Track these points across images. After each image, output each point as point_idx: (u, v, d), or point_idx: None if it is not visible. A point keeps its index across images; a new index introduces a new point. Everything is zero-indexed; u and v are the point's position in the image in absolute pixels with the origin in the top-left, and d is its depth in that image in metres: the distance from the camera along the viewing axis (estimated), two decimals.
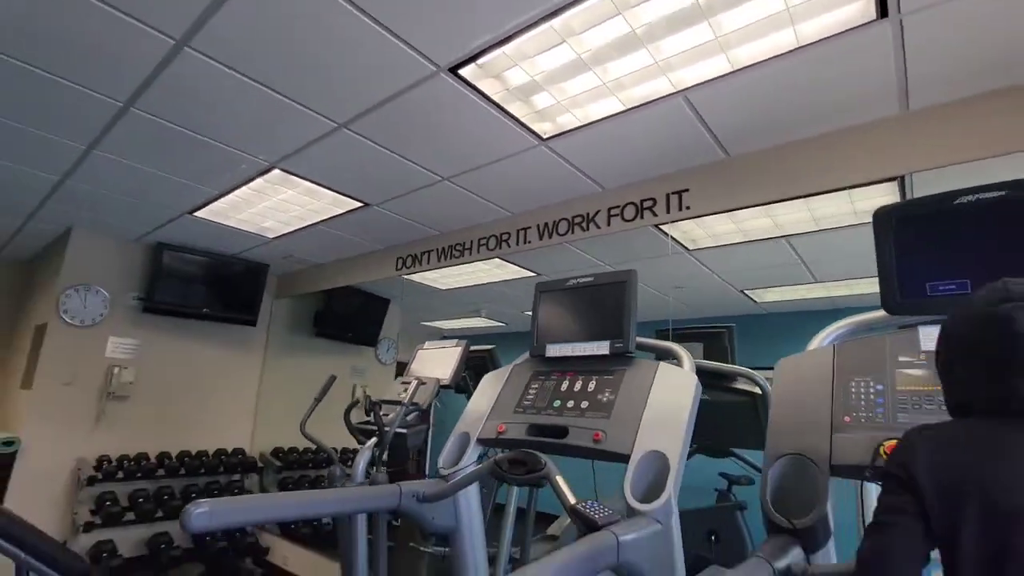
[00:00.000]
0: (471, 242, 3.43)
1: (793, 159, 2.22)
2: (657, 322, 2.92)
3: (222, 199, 3.30)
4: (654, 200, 2.59)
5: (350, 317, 5.45)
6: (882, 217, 1.34)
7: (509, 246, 3.20)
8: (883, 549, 0.81)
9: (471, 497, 1.96)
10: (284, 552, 4.22)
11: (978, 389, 0.86)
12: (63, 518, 3.77)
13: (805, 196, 2.22)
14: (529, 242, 3.10)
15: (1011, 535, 0.73)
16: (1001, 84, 1.78)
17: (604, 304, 1.90)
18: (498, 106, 2.12)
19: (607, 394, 1.72)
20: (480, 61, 1.88)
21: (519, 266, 3.83)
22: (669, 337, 2.88)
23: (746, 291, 4.11)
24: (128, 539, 3.86)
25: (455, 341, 2.89)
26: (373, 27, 1.72)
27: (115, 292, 4.24)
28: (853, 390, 1.32)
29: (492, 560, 3.23)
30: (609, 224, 2.75)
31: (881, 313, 1.37)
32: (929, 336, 1.25)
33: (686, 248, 3.46)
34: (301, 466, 4.86)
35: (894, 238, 1.32)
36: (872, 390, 1.29)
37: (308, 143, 2.51)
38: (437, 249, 3.67)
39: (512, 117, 2.19)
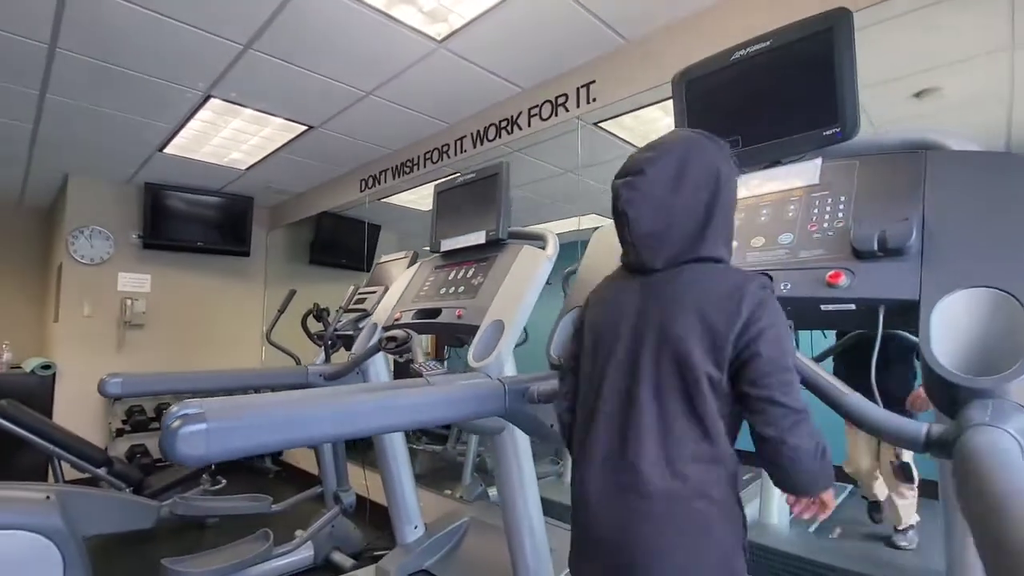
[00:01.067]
0: (418, 157, 3.52)
1: (685, 37, 2.17)
2: None
3: (181, 134, 3.49)
4: (567, 95, 2.60)
5: (342, 244, 5.70)
6: (675, 82, 1.37)
7: (450, 156, 3.28)
8: (561, 395, 1.03)
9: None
10: (295, 452, 4.78)
11: (623, 246, 0.97)
12: (102, 428, 4.38)
13: None
14: (466, 151, 3.16)
15: (598, 357, 0.92)
16: None
17: (483, 197, 2.01)
18: (381, 12, 2.15)
19: (478, 278, 1.89)
20: None
21: None
22: None
23: None
24: (157, 445, 4.45)
25: (403, 253, 3.08)
26: None
27: (117, 232, 4.62)
28: None
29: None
30: (530, 124, 2.78)
31: None
32: None
33: (634, 146, 3.44)
34: None
35: (686, 102, 1.36)
36: None
37: (226, 68, 2.62)
38: (392, 168, 3.79)
39: (399, 22, 2.22)
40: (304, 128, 3.36)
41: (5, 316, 5.21)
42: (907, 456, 2.28)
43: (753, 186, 1.24)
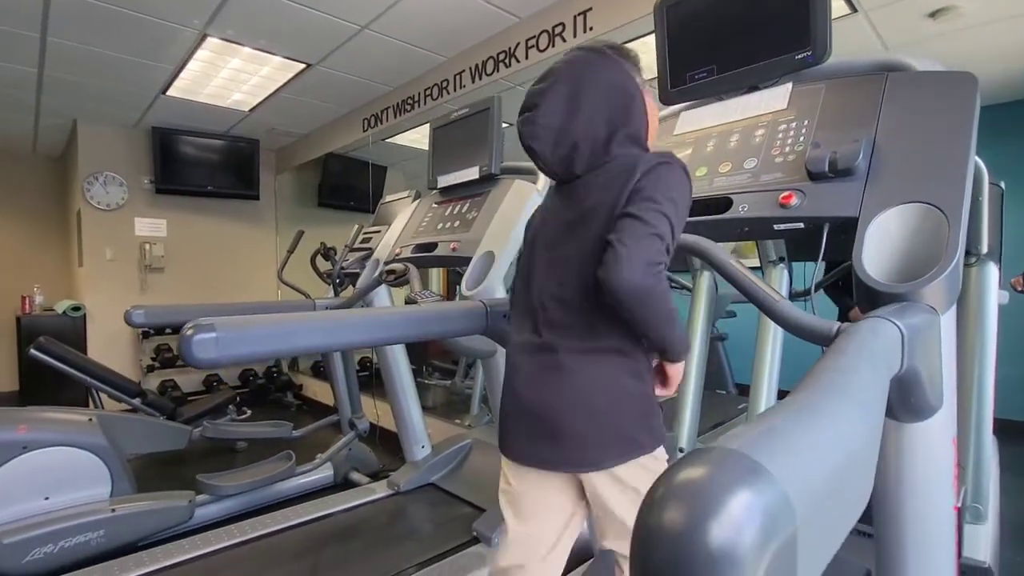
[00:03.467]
0: (418, 94, 3.50)
1: None
2: None
3: (182, 75, 3.50)
4: (563, 25, 2.55)
5: (349, 186, 5.74)
6: (656, 9, 1.37)
7: (449, 92, 3.26)
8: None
9: None
10: (314, 388, 5.06)
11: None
12: (133, 364, 4.67)
13: None
14: (464, 86, 3.14)
15: (529, 258, 1.03)
16: None
17: (477, 133, 2.05)
18: None
19: (472, 213, 1.96)
20: None
21: None
22: None
23: None
24: (186, 380, 4.76)
25: (407, 192, 3.15)
26: None
27: (129, 177, 4.72)
28: None
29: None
30: (527, 56, 2.74)
31: None
32: (687, 121, 1.35)
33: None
34: None
35: (666, 28, 1.36)
36: None
37: (220, 3, 2.60)
38: (393, 105, 3.77)
39: None
40: (303, 66, 3.35)
41: (31, 261, 5.45)
42: None
43: (727, 113, 1.28)
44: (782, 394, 2.55)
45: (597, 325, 0.90)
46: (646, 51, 1.16)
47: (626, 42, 2.66)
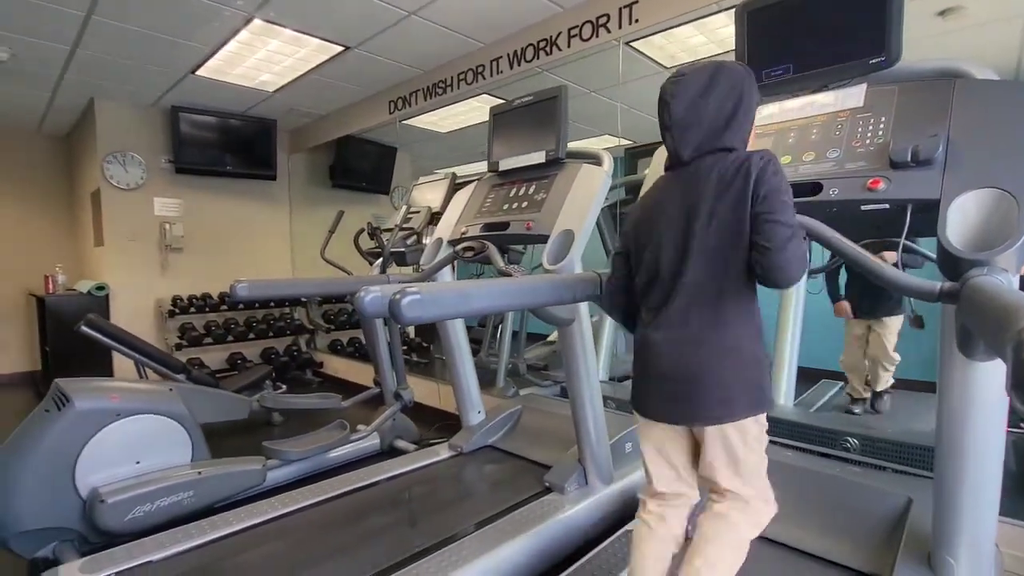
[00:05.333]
0: (451, 78, 3.61)
1: None
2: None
3: (217, 55, 3.53)
4: (608, 16, 2.69)
5: (362, 167, 5.82)
6: (738, 11, 1.54)
7: (484, 78, 3.38)
8: (610, 271, 1.30)
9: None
10: (335, 365, 5.21)
11: (666, 149, 1.21)
12: (158, 343, 4.72)
13: None
14: (502, 72, 3.27)
15: (652, 242, 1.19)
16: None
17: (542, 118, 2.20)
18: None
19: (541, 194, 2.13)
20: None
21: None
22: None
23: None
24: (211, 357, 4.85)
25: (443, 174, 3.28)
26: None
27: (148, 157, 4.72)
28: None
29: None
30: (569, 45, 2.88)
31: None
32: (763, 115, 1.54)
33: (663, 67, 3.53)
34: (339, 299, 5.68)
35: (746, 30, 1.54)
36: None
37: None
38: (423, 89, 3.87)
39: None
40: (341, 49, 3.42)
41: (40, 241, 5.41)
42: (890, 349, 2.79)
43: (802, 109, 1.47)
44: (802, 371, 2.85)
45: (724, 297, 1.09)
46: (671, 43, 1.32)
47: (661, 31, 2.82)
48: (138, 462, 2.21)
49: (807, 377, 3.29)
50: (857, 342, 3.01)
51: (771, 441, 1.21)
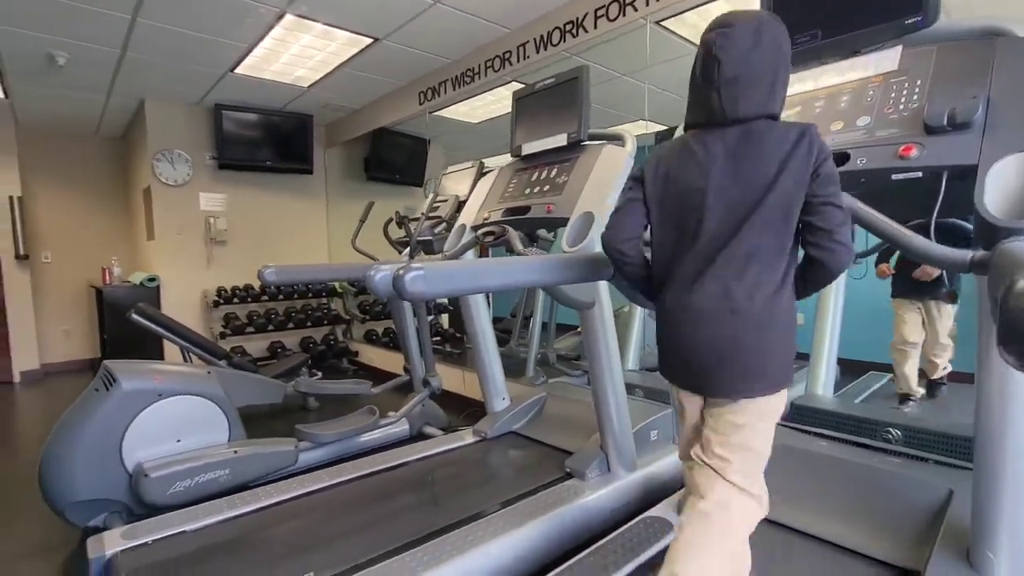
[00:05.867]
0: (479, 66, 3.61)
1: None
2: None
3: (254, 52, 3.66)
4: None
5: (396, 160, 5.90)
6: None
7: (511, 64, 3.36)
8: (620, 216, 1.23)
9: None
10: (370, 354, 5.33)
11: (695, 108, 1.14)
12: (204, 331, 4.97)
13: None
14: (528, 57, 3.24)
15: (689, 205, 1.12)
16: None
17: (563, 101, 2.17)
18: None
19: (563, 177, 2.10)
20: None
21: None
22: None
23: None
24: (253, 346, 5.06)
25: (470, 163, 3.29)
26: None
27: (193, 154, 4.94)
28: None
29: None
30: (596, 26, 2.83)
31: None
32: (791, 84, 1.46)
33: (696, 45, 3.42)
34: None
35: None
36: None
37: None
38: (452, 78, 3.88)
39: None
40: (369, 41, 3.47)
41: (100, 236, 5.77)
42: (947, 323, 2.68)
43: (832, 76, 1.39)
44: (848, 363, 2.70)
45: (769, 269, 1.04)
46: (705, 21, 1.24)
47: (692, 8, 2.72)
48: (179, 440, 2.32)
49: (854, 369, 3.14)
50: (907, 327, 2.84)
51: (807, 432, 1.16)
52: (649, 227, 1.20)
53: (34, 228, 5.33)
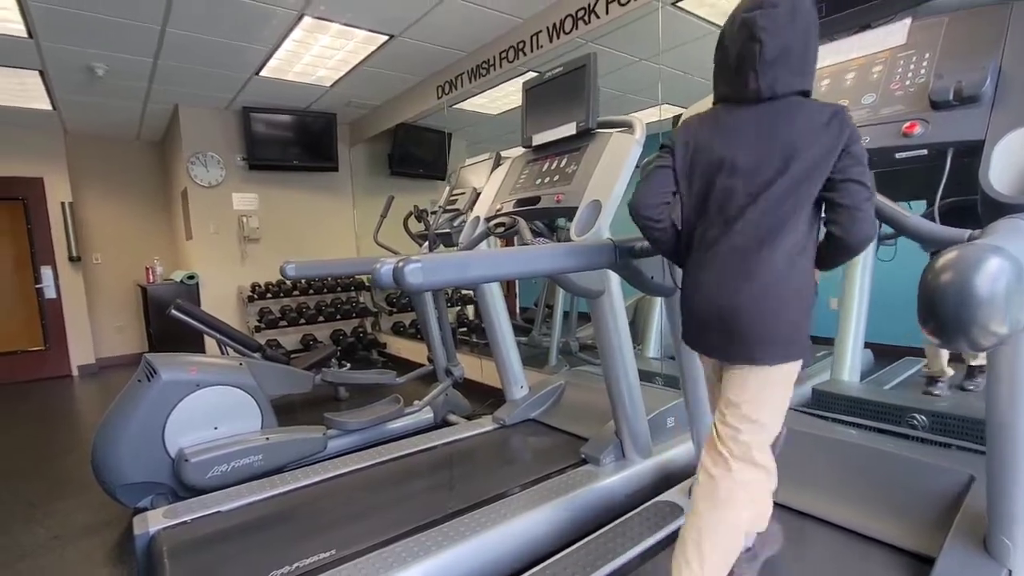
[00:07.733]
0: (494, 57, 3.61)
1: None
2: None
3: (276, 55, 3.76)
4: None
5: (418, 154, 5.98)
6: None
7: (525, 54, 3.35)
8: (649, 183, 1.22)
9: None
10: (397, 345, 5.45)
11: (726, 84, 1.13)
12: (240, 326, 5.19)
13: None
14: (542, 46, 3.23)
15: (715, 175, 1.11)
16: None
17: (572, 90, 2.17)
18: None
19: (572, 166, 2.11)
20: None
21: None
22: None
23: None
24: (286, 339, 5.25)
25: (486, 155, 3.31)
26: None
27: (225, 155, 5.13)
28: None
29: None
30: (608, 11, 2.79)
31: None
32: None
33: (717, 26, 3.34)
34: None
35: None
36: None
37: None
38: (468, 71, 3.90)
39: None
40: (385, 38, 3.53)
41: (143, 237, 6.07)
42: None
43: (840, 52, 1.35)
44: (881, 349, 2.59)
45: (785, 240, 1.03)
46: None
47: None
48: (216, 427, 2.46)
49: (888, 355, 3.03)
50: None
51: (828, 418, 1.15)
52: (679, 195, 1.20)
53: (84, 231, 5.65)
